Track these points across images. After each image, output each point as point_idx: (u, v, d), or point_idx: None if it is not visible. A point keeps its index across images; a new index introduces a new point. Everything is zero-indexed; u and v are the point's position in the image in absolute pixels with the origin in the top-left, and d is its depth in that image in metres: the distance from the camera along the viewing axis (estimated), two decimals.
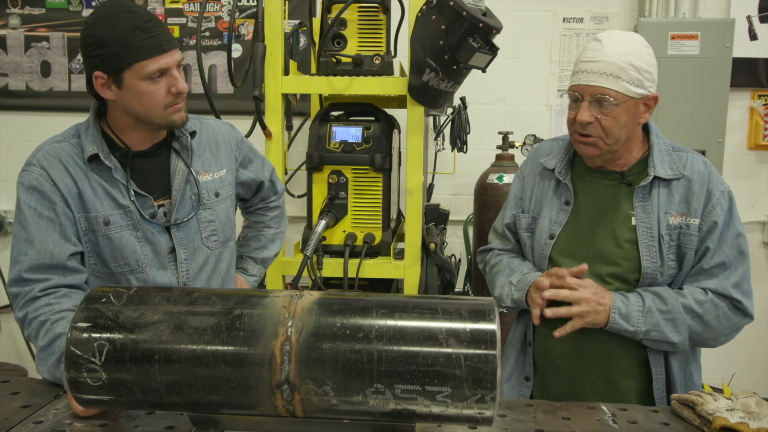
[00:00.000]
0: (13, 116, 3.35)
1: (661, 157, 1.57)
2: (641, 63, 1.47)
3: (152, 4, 3.22)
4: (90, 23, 1.43)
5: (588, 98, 1.50)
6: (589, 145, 1.55)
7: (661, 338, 1.51)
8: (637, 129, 1.58)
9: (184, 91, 1.47)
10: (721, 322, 1.53)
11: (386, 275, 2.36)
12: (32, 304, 1.42)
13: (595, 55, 1.49)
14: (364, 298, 1.04)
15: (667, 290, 1.53)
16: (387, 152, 2.32)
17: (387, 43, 2.34)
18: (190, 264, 1.59)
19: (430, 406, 0.96)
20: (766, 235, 3.18)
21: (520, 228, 1.72)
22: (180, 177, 1.58)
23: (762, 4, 3.06)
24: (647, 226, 1.55)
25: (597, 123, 1.50)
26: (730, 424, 1.20)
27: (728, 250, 1.54)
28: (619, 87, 1.46)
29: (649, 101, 1.53)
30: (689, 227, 1.54)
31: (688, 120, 2.98)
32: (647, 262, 1.54)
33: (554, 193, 1.67)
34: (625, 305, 1.51)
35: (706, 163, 1.59)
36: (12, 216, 3.39)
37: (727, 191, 1.58)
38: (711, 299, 1.51)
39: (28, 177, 1.49)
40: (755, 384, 3.24)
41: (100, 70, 1.42)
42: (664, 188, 1.56)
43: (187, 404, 1.03)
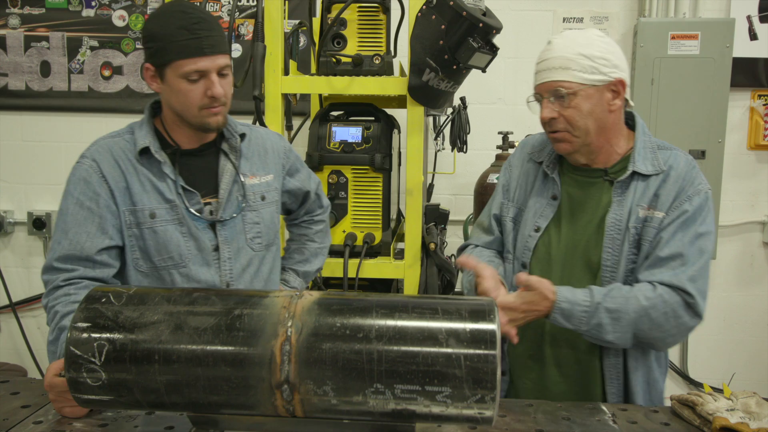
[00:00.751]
0: (12, 116, 3.35)
1: (644, 153, 1.55)
2: (593, 51, 1.47)
3: (152, 4, 3.22)
4: (150, 17, 1.52)
5: (546, 95, 1.52)
6: (561, 141, 1.54)
7: (597, 336, 1.47)
8: (616, 120, 1.55)
9: (218, 95, 1.50)
10: (669, 320, 1.45)
11: (386, 275, 2.35)
12: (53, 293, 1.46)
13: (545, 55, 1.52)
14: (364, 298, 1.03)
15: (619, 288, 1.48)
16: (387, 152, 2.32)
17: (387, 43, 2.34)
18: (233, 263, 1.62)
19: (430, 406, 0.96)
20: (766, 235, 3.18)
21: (507, 216, 1.70)
22: (228, 177, 1.62)
23: (762, 4, 3.06)
24: (617, 219, 1.53)
25: (561, 117, 1.50)
26: (730, 425, 1.20)
27: (688, 244, 1.47)
28: (570, 77, 1.47)
29: (615, 87, 1.50)
30: (653, 219, 1.50)
31: (688, 120, 2.98)
32: (607, 254, 1.52)
33: (541, 187, 1.66)
34: (570, 305, 1.46)
35: (690, 162, 1.55)
36: (12, 216, 3.39)
37: (704, 191, 1.52)
38: (660, 295, 1.44)
39: (79, 168, 1.54)
40: (755, 384, 3.24)
41: (149, 62, 1.50)
42: (642, 182, 1.53)
43: (187, 404, 1.03)
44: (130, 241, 1.54)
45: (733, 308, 3.26)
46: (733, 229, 3.19)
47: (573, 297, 1.47)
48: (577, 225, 1.59)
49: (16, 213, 3.40)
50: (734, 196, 3.17)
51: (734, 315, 3.26)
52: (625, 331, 1.45)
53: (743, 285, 3.24)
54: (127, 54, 3.26)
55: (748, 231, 3.21)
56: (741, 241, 3.21)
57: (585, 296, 1.47)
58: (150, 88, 3.09)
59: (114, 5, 3.24)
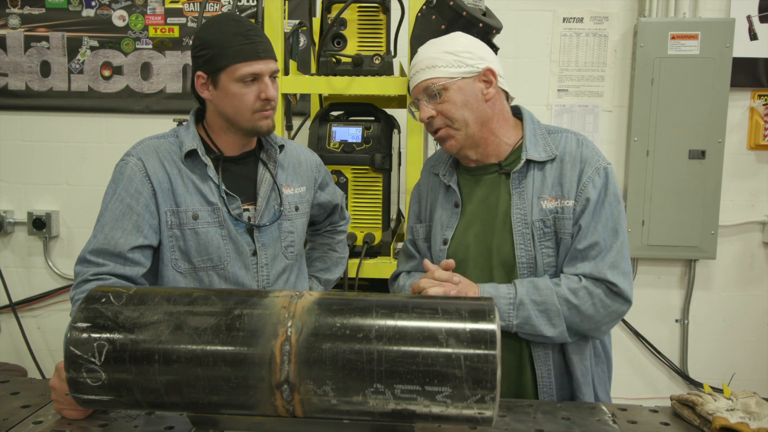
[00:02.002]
0: (12, 116, 3.35)
1: (535, 140, 1.55)
2: (455, 47, 1.51)
3: (152, 4, 3.22)
4: (201, 28, 1.59)
5: (420, 96, 1.54)
6: (446, 139, 1.56)
7: (533, 332, 1.46)
8: (496, 110, 1.55)
9: (273, 98, 1.57)
10: (599, 310, 1.45)
11: (386, 275, 2.35)
12: (81, 287, 1.49)
13: (414, 62, 1.57)
14: (364, 298, 1.03)
15: (544, 280, 1.48)
16: (387, 152, 2.32)
17: (387, 42, 2.34)
18: (270, 269, 1.66)
19: (430, 406, 0.96)
20: (766, 235, 3.18)
21: (419, 239, 1.72)
22: (266, 185, 1.67)
23: (762, 4, 3.05)
24: (521, 213, 1.52)
25: (439, 115, 1.53)
26: (730, 424, 1.20)
27: (602, 230, 1.46)
28: (438, 73, 1.50)
29: (485, 76, 1.52)
30: (564, 210, 1.49)
31: (688, 120, 2.98)
32: (521, 251, 1.51)
33: (444, 198, 1.66)
34: (494, 298, 1.45)
35: (582, 141, 1.54)
36: (12, 216, 3.39)
37: (603, 167, 1.50)
38: (585, 286, 1.45)
39: (123, 165, 1.58)
40: (755, 384, 3.24)
41: (202, 70, 1.56)
42: (539, 171, 1.53)
43: (187, 404, 1.03)
44: (170, 242, 1.57)
45: (733, 308, 3.26)
46: (733, 229, 3.19)
47: (496, 291, 1.47)
48: (483, 225, 1.57)
49: (16, 213, 3.40)
50: (734, 196, 3.17)
51: (734, 315, 3.26)
52: (558, 324, 1.45)
53: (743, 285, 3.24)
54: (127, 54, 3.26)
55: (748, 231, 3.21)
56: (741, 241, 3.21)
57: (508, 289, 1.47)
58: (148, 90, 3.09)
59: (114, 5, 3.24)
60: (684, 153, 3.00)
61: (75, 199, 3.38)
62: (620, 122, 3.17)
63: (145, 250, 1.56)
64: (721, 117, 2.97)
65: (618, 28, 3.13)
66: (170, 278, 1.59)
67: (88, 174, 3.36)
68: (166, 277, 1.59)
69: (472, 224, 1.59)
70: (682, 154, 3.00)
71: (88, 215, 3.36)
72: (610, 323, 1.50)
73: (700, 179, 3.00)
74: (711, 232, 3.03)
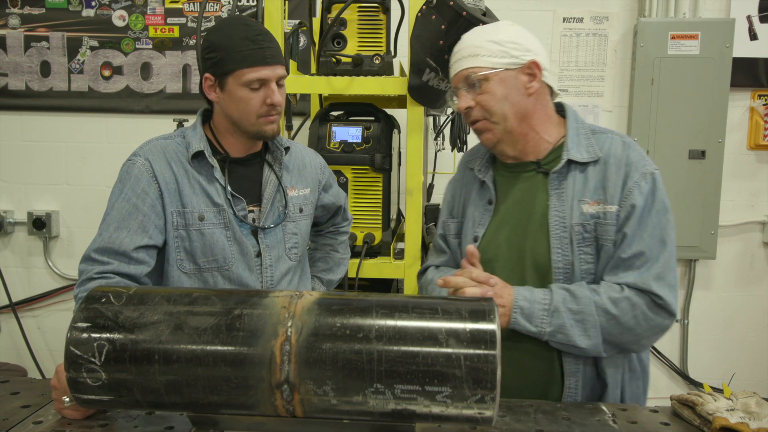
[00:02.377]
0: (12, 116, 3.35)
1: (578, 140, 1.48)
2: (502, 37, 1.45)
3: (152, 4, 3.22)
4: (211, 30, 1.59)
5: (460, 86, 1.49)
6: (483, 132, 1.50)
7: (567, 341, 1.38)
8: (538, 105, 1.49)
9: (278, 103, 1.56)
10: (640, 323, 1.38)
11: (386, 275, 2.35)
12: (84, 285, 1.49)
13: (456, 49, 1.51)
14: (364, 298, 1.03)
15: (581, 287, 1.40)
16: (387, 152, 2.32)
17: (387, 43, 2.34)
18: (274, 270, 1.67)
19: (430, 406, 0.96)
20: (766, 235, 3.18)
21: (449, 234, 1.67)
22: (271, 187, 1.68)
23: (762, 4, 3.05)
24: (560, 216, 1.44)
25: (477, 105, 1.48)
26: (730, 424, 1.20)
27: (648, 238, 1.39)
28: (480, 62, 1.45)
29: (530, 69, 1.46)
30: (606, 215, 1.41)
31: (688, 120, 2.98)
32: (557, 256, 1.44)
33: (477, 194, 1.61)
34: (529, 303, 1.39)
35: (628, 144, 1.47)
36: (12, 216, 3.39)
37: (650, 172, 1.42)
38: (627, 297, 1.37)
39: (131, 165, 1.58)
40: (755, 384, 3.24)
41: (209, 72, 1.56)
42: (580, 173, 1.46)
43: (187, 404, 1.03)
44: (176, 242, 1.58)
45: (733, 308, 3.26)
46: (733, 229, 3.19)
47: (531, 296, 1.40)
48: (517, 225, 1.51)
49: (16, 213, 3.40)
50: (734, 196, 3.17)
51: (734, 315, 3.26)
52: (594, 336, 1.38)
53: (743, 285, 3.24)
54: (127, 54, 3.26)
55: (748, 231, 3.21)
56: (741, 241, 3.21)
57: (544, 295, 1.40)
58: (148, 90, 3.09)
59: (114, 5, 3.24)
60: (684, 153, 3.00)
61: (75, 199, 3.39)
62: (620, 122, 3.17)
63: (150, 250, 1.56)
64: (721, 117, 2.97)
65: (618, 28, 3.13)
66: (175, 278, 1.60)
67: (88, 174, 3.36)
68: (171, 277, 1.60)
69: (506, 223, 1.53)
70: (682, 154, 3.00)
71: (88, 215, 3.36)
72: (651, 337, 1.42)
73: (700, 179, 3.00)
74: (711, 232, 3.03)
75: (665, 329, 1.43)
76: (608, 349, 1.41)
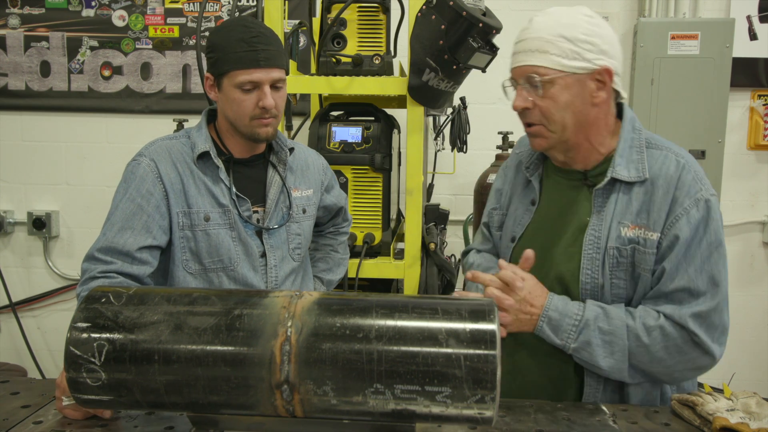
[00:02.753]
0: (12, 116, 3.35)
1: (629, 154, 1.35)
2: (576, 33, 1.28)
3: (152, 4, 3.22)
4: (213, 30, 1.62)
5: (520, 81, 1.33)
6: (535, 136, 1.37)
7: (590, 360, 1.32)
8: (600, 115, 1.35)
9: (269, 107, 1.55)
10: (672, 355, 1.28)
11: (386, 275, 2.35)
12: (87, 284, 1.49)
13: (523, 35, 1.34)
14: (364, 298, 1.03)
15: (618, 308, 1.32)
16: (387, 152, 2.32)
17: (387, 43, 2.34)
18: (278, 271, 1.68)
19: (430, 406, 0.96)
20: (766, 235, 3.18)
21: (493, 226, 1.60)
22: (275, 188, 1.69)
23: (762, 4, 3.06)
24: (596, 236, 1.35)
25: (536, 108, 1.33)
26: (730, 425, 1.20)
27: (695, 274, 1.26)
28: (547, 62, 1.28)
29: (600, 76, 1.30)
30: (646, 242, 1.30)
31: (688, 120, 2.98)
32: (586, 277, 1.35)
33: (523, 191, 1.52)
34: (559, 315, 1.32)
35: (684, 165, 1.33)
36: (12, 216, 3.39)
37: (704, 199, 1.29)
38: (661, 326, 1.28)
39: (136, 166, 1.59)
40: (755, 384, 3.24)
41: (209, 72, 1.58)
42: (624, 193, 1.34)
43: (187, 404, 1.03)
44: (181, 243, 1.58)
45: (733, 308, 3.21)
46: (732, 229, 3.19)
47: (564, 307, 1.33)
48: (553, 234, 1.43)
49: (16, 213, 3.41)
50: (734, 196, 3.17)
51: (734, 315, 3.22)
52: (619, 359, 1.31)
53: (743, 285, 3.24)
54: (127, 54, 3.26)
55: (747, 231, 3.21)
56: (741, 242, 3.21)
57: (578, 309, 1.33)
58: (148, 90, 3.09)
59: (114, 5, 3.24)
60: None
61: (75, 199, 3.39)
62: None
63: (153, 251, 1.56)
64: (721, 117, 2.97)
65: (618, 28, 3.13)
66: (180, 279, 1.60)
67: (88, 174, 3.36)
68: (176, 278, 1.60)
69: (543, 229, 1.45)
70: None
71: (88, 215, 3.36)
72: (685, 372, 1.32)
73: None
74: None
75: (702, 368, 1.33)
76: (634, 375, 1.34)
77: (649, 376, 1.36)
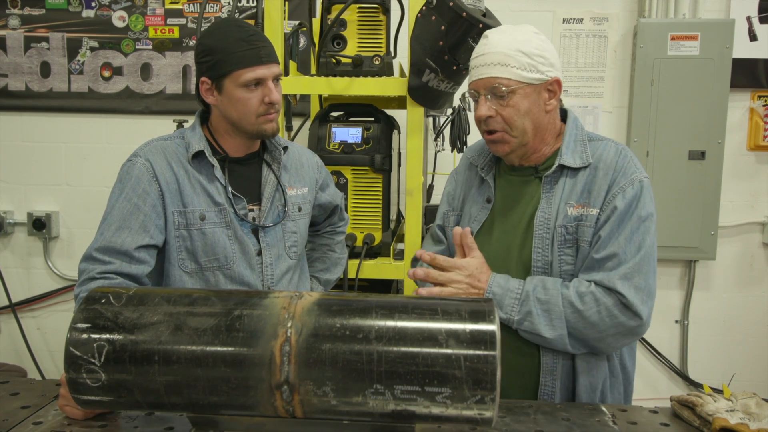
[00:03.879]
0: (12, 117, 3.35)
1: (573, 146, 1.51)
2: (530, 48, 1.43)
3: (152, 5, 3.22)
4: (204, 34, 1.60)
5: (483, 92, 1.47)
6: (498, 143, 1.51)
7: (532, 329, 1.42)
8: (551, 120, 1.52)
9: (276, 101, 1.58)
10: (604, 319, 1.38)
11: (386, 276, 2.35)
12: (86, 285, 1.49)
13: (482, 50, 1.48)
14: (364, 299, 1.03)
15: (554, 280, 1.45)
16: (387, 153, 2.32)
17: (387, 43, 2.34)
18: (274, 269, 1.68)
19: (430, 406, 0.96)
20: (765, 235, 3.18)
21: (449, 226, 1.69)
22: (270, 187, 1.70)
23: (762, 5, 3.06)
24: (545, 217, 1.48)
25: (498, 116, 1.47)
26: (729, 425, 1.20)
27: (624, 242, 1.40)
28: (509, 74, 1.43)
29: (551, 86, 1.47)
30: (587, 218, 1.45)
31: (688, 121, 2.98)
32: (537, 255, 1.48)
33: (477, 191, 1.64)
34: (501, 289, 1.44)
35: (621, 152, 1.49)
36: (12, 217, 3.39)
37: (639, 179, 1.44)
38: (592, 292, 1.39)
39: (131, 166, 1.59)
40: (755, 385, 3.24)
41: (206, 76, 1.58)
42: (571, 178, 1.49)
43: (187, 405, 1.03)
44: (177, 242, 1.59)
45: (733, 309, 3.26)
46: (732, 230, 3.19)
47: (506, 283, 1.45)
48: (508, 225, 1.55)
49: (16, 213, 3.40)
50: (734, 196, 3.17)
51: (734, 316, 3.26)
52: (558, 326, 1.40)
53: (743, 286, 3.24)
54: (127, 55, 3.26)
55: (747, 232, 3.21)
56: (741, 242, 3.21)
57: (518, 284, 1.45)
58: (148, 90, 3.09)
59: (114, 6, 3.24)
60: (684, 154, 3.01)
61: (75, 200, 3.39)
62: (620, 123, 3.17)
63: (151, 250, 1.57)
64: (721, 118, 2.97)
65: (618, 29, 3.13)
66: (177, 278, 1.60)
67: (88, 175, 3.36)
68: (172, 277, 1.60)
69: (499, 223, 1.57)
70: (682, 154, 3.01)
71: (88, 216, 3.36)
72: (617, 336, 1.41)
73: (700, 180, 3.00)
74: (711, 232, 3.03)
75: (633, 331, 1.41)
76: (574, 344, 1.43)
77: (586, 344, 1.44)
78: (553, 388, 1.48)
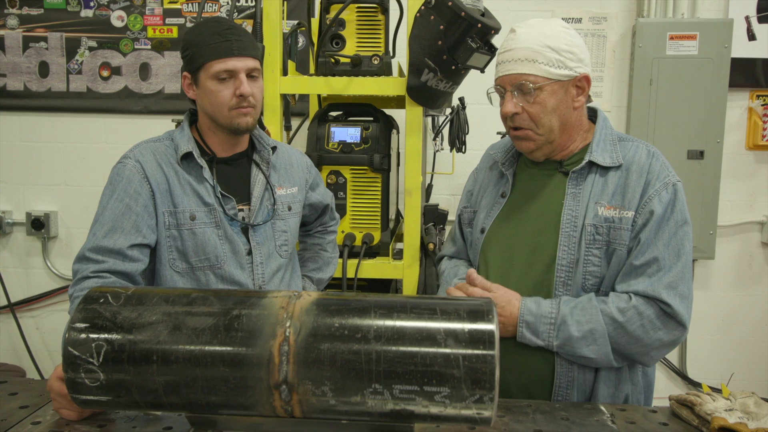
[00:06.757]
0: (11, 117, 3.35)
1: (603, 145, 1.48)
2: (559, 44, 1.41)
3: (150, 5, 3.22)
4: (187, 30, 1.64)
5: (510, 88, 1.45)
6: (523, 140, 1.49)
7: (573, 353, 1.40)
8: (579, 117, 1.50)
9: (247, 94, 1.57)
10: (648, 332, 1.37)
11: (385, 275, 2.35)
12: (80, 284, 1.49)
13: (509, 45, 1.46)
14: (363, 299, 1.03)
15: (590, 298, 1.41)
16: (386, 152, 2.32)
17: (385, 43, 2.34)
18: (265, 268, 1.69)
19: (429, 406, 0.96)
20: (765, 235, 3.18)
21: (464, 223, 1.69)
22: (260, 186, 1.71)
23: (760, 5, 3.06)
24: (572, 215, 1.45)
25: (525, 113, 1.45)
26: (728, 425, 1.20)
27: (663, 247, 1.38)
28: (537, 70, 1.41)
29: (580, 83, 1.45)
30: (621, 220, 1.41)
31: (687, 120, 2.99)
32: (563, 253, 1.44)
33: (494, 186, 1.63)
34: (534, 317, 1.41)
35: (653, 153, 1.47)
36: (10, 217, 3.38)
37: (672, 183, 1.42)
38: (635, 305, 1.37)
39: (122, 168, 1.60)
40: (754, 384, 3.24)
41: (186, 70, 1.61)
42: (601, 177, 1.46)
43: (185, 405, 1.03)
44: (168, 242, 1.60)
45: (732, 308, 3.26)
46: (731, 229, 3.19)
47: (538, 309, 1.41)
48: (527, 220, 1.52)
49: (15, 213, 3.40)
50: (733, 196, 3.17)
51: (733, 315, 3.26)
52: (602, 344, 1.38)
53: (742, 285, 3.25)
54: (126, 54, 3.26)
55: (746, 231, 3.21)
56: (739, 242, 3.21)
57: (551, 307, 1.41)
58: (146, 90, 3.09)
59: (112, 6, 3.24)
60: (683, 153, 3.01)
61: (74, 200, 3.38)
62: (619, 122, 3.17)
63: (144, 248, 1.57)
64: (720, 117, 2.97)
65: (616, 29, 3.13)
66: (168, 278, 1.61)
67: (87, 174, 3.36)
68: (163, 277, 1.61)
69: (514, 216, 1.54)
70: (681, 154, 3.01)
71: (87, 216, 3.33)
72: (660, 348, 1.40)
73: (699, 179, 3.00)
74: (710, 232, 3.03)
75: (675, 341, 1.40)
76: (618, 360, 1.41)
77: (629, 358, 1.42)
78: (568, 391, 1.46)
